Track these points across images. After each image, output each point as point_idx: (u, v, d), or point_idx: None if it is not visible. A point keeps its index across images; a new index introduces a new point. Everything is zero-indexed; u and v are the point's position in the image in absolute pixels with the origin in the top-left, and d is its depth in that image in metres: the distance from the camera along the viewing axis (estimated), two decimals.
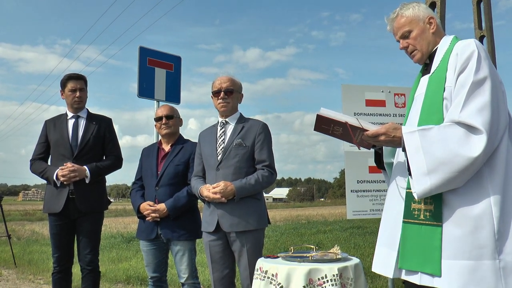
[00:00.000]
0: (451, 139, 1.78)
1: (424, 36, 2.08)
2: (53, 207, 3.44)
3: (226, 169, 2.89)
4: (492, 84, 1.81)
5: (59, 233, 3.47)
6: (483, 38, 7.21)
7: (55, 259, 3.50)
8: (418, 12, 2.09)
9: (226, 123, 3.04)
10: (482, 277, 1.71)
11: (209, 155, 3.00)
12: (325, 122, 2.05)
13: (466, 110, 1.79)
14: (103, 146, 3.63)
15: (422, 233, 1.88)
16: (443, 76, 1.93)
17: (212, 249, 2.93)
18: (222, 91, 3.00)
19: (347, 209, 4.04)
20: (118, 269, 6.83)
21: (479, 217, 1.75)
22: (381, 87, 4.24)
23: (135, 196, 3.35)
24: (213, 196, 2.79)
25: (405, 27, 2.10)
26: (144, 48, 5.04)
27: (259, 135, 2.96)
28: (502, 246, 1.72)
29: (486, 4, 7.19)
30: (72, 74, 3.59)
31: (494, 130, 1.77)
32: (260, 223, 2.92)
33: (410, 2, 2.16)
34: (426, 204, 1.89)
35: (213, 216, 2.89)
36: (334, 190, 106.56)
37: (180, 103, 5.32)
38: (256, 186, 2.86)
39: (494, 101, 1.79)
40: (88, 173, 3.43)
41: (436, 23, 2.08)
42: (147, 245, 3.30)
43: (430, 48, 2.09)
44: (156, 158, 3.34)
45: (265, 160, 2.94)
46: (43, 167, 3.53)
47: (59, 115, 3.68)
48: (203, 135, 3.17)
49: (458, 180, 1.78)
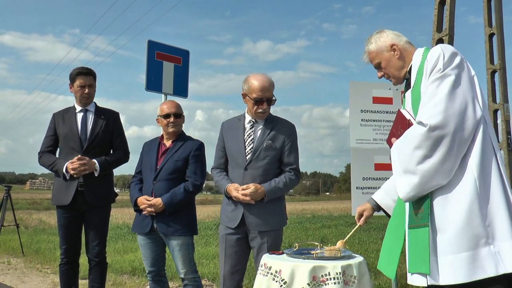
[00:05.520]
0: (410, 137, 1.94)
1: (391, 64, 2.23)
2: (62, 200, 3.48)
3: (255, 170, 2.88)
4: (455, 79, 1.90)
5: (67, 225, 3.52)
6: (492, 35, 7.14)
7: (62, 251, 3.55)
8: (380, 44, 2.24)
9: (256, 122, 2.98)
10: (482, 265, 1.79)
11: (236, 152, 2.95)
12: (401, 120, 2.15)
13: (422, 109, 1.93)
14: (111, 140, 3.66)
15: (417, 236, 1.98)
16: (419, 86, 2.04)
17: (228, 243, 2.93)
18: (265, 101, 2.90)
19: (352, 205, 4.05)
20: (124, 260, 6.92)
21: (468, 210, 1.82)
22: (389, 85, 4.22)
23: (133, 190, 3.36)
24: (243, 198, 2.80)
25: (374, 60, 2.28)
26: (153, 42, 5.05)
27: (289, 137, 2.96)
28: (494, 232, 1.82)
29: (497, 1, 7.11)
30: (81, 70, 3.61)
31: (453, 122, 1.84)
32: (282, 222, 2.99)
33: (372, 35, 2.31)
34: (418, 208, 1.99)
35: (237, 213, 2.89)
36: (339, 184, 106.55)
37: (187, 97, 5.35)
38: (284, 189, 2.91)
39: (454, 94, 1.87)
40: (97, 167, 3.48)
41: (399, 47, 2.21)
42: (144, 239, 3.30)
43: (401, 71, 2.23)
44: (156, 152, 3.34)
45: (293, 163, 2.96)
46: (52, 160, 3.57)
47: (67, 108, 3.71)
48: (227, 128, 3.09)
49: (431, 175, 1.87)
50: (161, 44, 5.13)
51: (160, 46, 5.11)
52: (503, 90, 6.46)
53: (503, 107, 6.35)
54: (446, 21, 6.09)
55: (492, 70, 6.50)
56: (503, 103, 6.38)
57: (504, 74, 7.02)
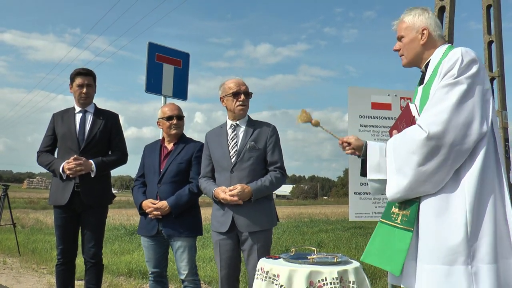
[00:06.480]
0: (408, 139, 1.92)
1: (412, 45, 2.15)
2: (58, 200, 3.48)
3: (241, 171, 2.95)
4: (466, 89, 1.84)
5: (64, 225, 3.52)
6: (491, 43, 7.18)
7: (59, 251, 3.55)
8: (416, 20, 2.14)
9: (237, 125, 3.08)
10: (455, 282, 1.79)
11: (221, 157, 3.03)
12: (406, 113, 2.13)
13: (426, 113, 1.90)
14: (109, 141, 3.67)
15: (394, 235, 1.99)
16: (431, 85, 2.00)
17: (222, 248, 3.00)
18: (242, 93, 3.03)
19: (349, 210, 4.05)
20: (120, 261, 6.90)
21: (454, 224, 1.82)
22: (388, 91, 4.24)
23: (137, 193, 3.39)
24: (231, 198, 2.85)
25: (401, 31, 2.19)
26: (153, 44, 5.07)
27: (271, 137, 3.03)
28: (475, 252, 1.80)
29: (496, 9, 7.15)
30: (81, 70, 3.63)
31: (453, 134, 1.81)
32: (271, 222, 3.03)
33: (416, 7, 2.20)
34: (404, 210, 1.99)
35: (226, 217, 2.94)
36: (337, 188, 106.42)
37: (186, 100, 5.36)
38: (270, 187, 2.95)
39: (461, 106, 1.83)
40: (93, 167, 3.48)
41: (429, 35, 2.11)
42: (148, 241, 3.33)
43: (416, 57, 2.15)
44: (159, 155, 3.37)
45: (277, 161, 3.02)
46: (49, 159, 3.57)
47: (67, 109, 3.72)
48: (211, 136, 3.19)
49: (421, 182, 1.87)
50: (162, 46, 5.14)
51: (161, 48, 5.12)
52: (502, 97, 6.49)
53: (501, 114, 6.38)
54: (446, 28, 6.13)
55: (491, 77, 6.53)
56: (501, 110, 6.41)
57: (503, 82, 7.05)
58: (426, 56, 2.13)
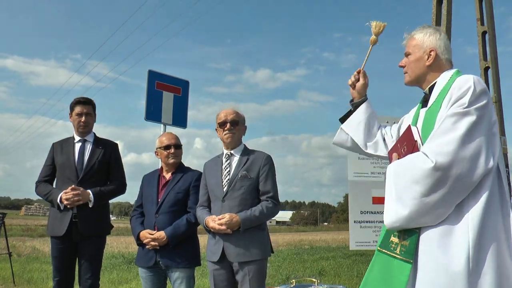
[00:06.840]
0: (412, 167, 1.84)
1: (417, 64, 2.11)
2: (56, 230, 3.44)
3: (232, 200, 2.94)
4: (475, 121, 1.80)
5: (61, 256, 3.46)
6: (488, 69, 7.26)
7: (55, 283, 3.48)
8: (426, 39, 2.11)
9: (231, 155, 3.09)
10: None
11: (214, 186, 3.04)
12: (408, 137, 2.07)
13: (433, 141, 1.82)
14: (108, 170, 3.65)
15: (393, 266, 1.92)
16: (437, 110, 1.94)
17: (216, 278, 2.97)
18: (228, 122, 3.05)
19: (350, 239, 4.02)
20: None
21: (456, 259, 1.75)
22: (386, 118, 4.26)
23: (135, 223, 3.35)
24: (219, 227, 2.84)
25: (409, 48, 2.16)
26: (153, 72, 5.13)
27: (264, 166, 3.02)
28: (475, 285, 1.73)
29: (491, 35, 7.27)
30: (80, 99, 3.65)
31: (459, 167, 1.75)
32: (264, 253, 2.97)
33: (430, 26, 2.18)
34: (403, 240, 1.92)
35: (218, 246, 2.93)
36: (337, 214, 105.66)
37: (186, 127, 5.37)
38: (261, 217, 2.91)
39: (469, 138, 1.78)
40: (91, 197, 3.45)
41: (436, 56, 2.08)
42: (146, 272, 3.28)
43: (419, 77, 2.12)
44: (157, 185, 3.36)
45: (269, 191, 2.99)
46: (48, 189, 3.55)
47: (67, 138, 3.72)
48: (208, 166, 3.21)
49: (422, 213, 1.80)
50: (161, 74, 5.20)
51: (160, 76, 5.18)
52: (500, 123, 6.52)
53: (500, 140, 6.39)
54: None
55: None
56: (500, 136, 6.42)
57: (500, 107, 7.10)
58: (430, 78, 2.10)
